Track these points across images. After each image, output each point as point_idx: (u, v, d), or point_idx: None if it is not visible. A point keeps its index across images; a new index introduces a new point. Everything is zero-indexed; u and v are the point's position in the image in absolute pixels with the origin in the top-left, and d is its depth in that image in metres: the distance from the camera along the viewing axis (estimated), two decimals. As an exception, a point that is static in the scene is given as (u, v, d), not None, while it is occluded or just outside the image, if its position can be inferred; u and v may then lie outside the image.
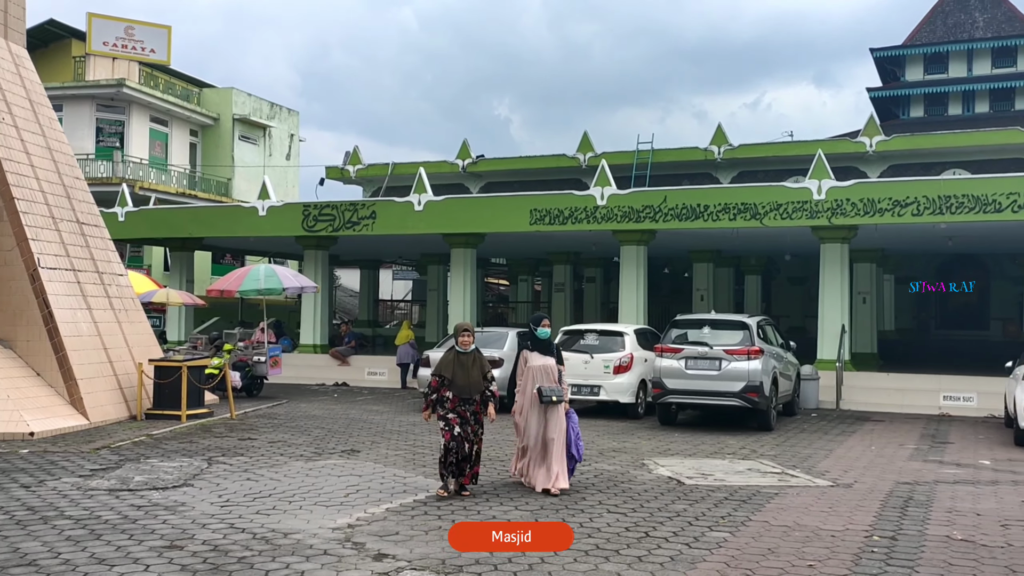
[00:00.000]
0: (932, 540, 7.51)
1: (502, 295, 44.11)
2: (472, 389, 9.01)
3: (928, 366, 20.83)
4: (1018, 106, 33.75)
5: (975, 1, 36.60)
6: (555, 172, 29.34)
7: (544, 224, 20.53)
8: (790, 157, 26.49)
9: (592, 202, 20.19)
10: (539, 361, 9.48)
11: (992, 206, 17.52)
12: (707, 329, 15.33)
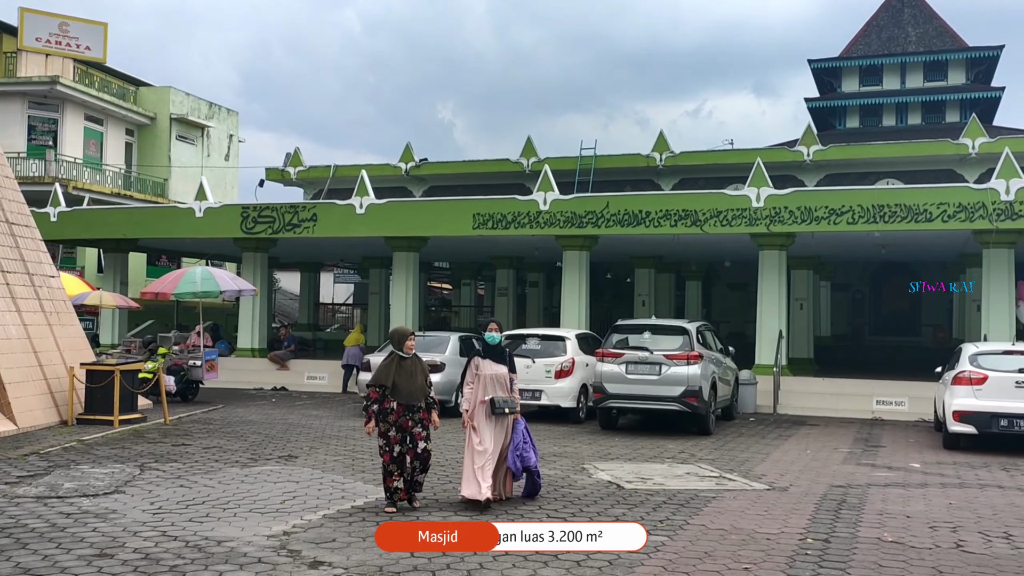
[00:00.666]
0: (863, 542, 7.65)
1: (445, 299, 43.99)
2: (417, 395, 8.58)
3: (862, 371, 21.27)
4: (949, 118, 34.73)
5: (908, 16, 37.58)
6: (499, 177, 29.40)
7: (487, 228, 20.51)
8: (730, 165, 26.90)
9: (535, 207, 20.24)
10: (491, 369, 8.92)
11: (923, 215, 17.98)
12: (647, 334, 15.44)
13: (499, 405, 8.75)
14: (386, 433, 8.46)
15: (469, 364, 9.08)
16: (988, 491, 10.22)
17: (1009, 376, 13.50)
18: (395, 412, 8.48)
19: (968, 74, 35.65)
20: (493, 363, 8.96)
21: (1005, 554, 7.38)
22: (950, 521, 8.55)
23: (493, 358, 9.01)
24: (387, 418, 8.47)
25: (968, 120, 27.63)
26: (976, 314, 20.01)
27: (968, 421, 13.43)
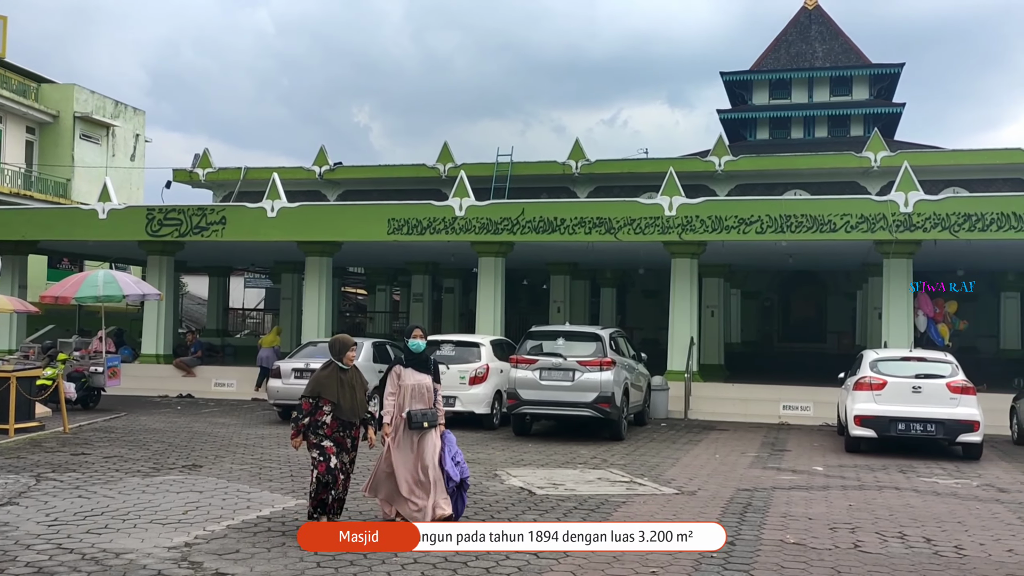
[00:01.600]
0: (767, 544, 7.80)
1: (360, 304, 43.51)
2: (357, 412, 7.95)
3: (770, 377, 21.80)
4: (853, 132, 35.88)
5: (815, 33, 38.76)
6: (415, 182, 29.23)
7: (402, 234, 20.37)
8: (644, 174, 27.27)
9: (451, 213, 20.18)
10: (413, 379, 8.25)
11: (828, 226, 18.54)
12: (561, 340, 15.53)
13: (416, 419, 8.09)
14: (319, 443, 7.83)
15: (390, 373, 8.40)
16: (885, 492, 10.56)
17: (906, 382, 14.00)
18: (328, 427, 7.86)
19: (871, 90, 36.93)
20: (416, 372, 8.30)
21: (899, 553, 7.61)
22: (849, 522, 8.80)
23: (416, 367, 8.35)
24: (319, 431, 7.85)
25: (871, 134, 28.61)
26: (878, 322, 20.69)
27: (868, 425, 13.88)
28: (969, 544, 7.99)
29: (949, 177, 25.89)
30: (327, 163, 30.41)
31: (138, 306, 26.34)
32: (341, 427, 7.90)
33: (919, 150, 29.72)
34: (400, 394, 8.24)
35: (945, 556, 7.50)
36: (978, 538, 8.24)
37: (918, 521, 8.91)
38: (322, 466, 7.78)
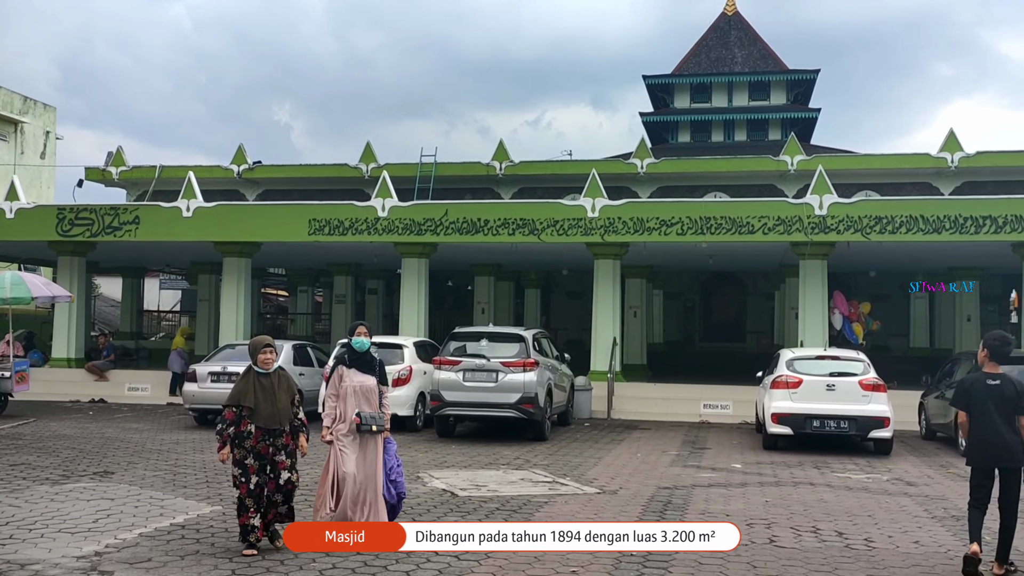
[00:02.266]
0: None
1: (281, 306, 42.82)
2: (281, 418, 7.37)
3: (692, 376, 22.14)
4: (771, 136, 36.69)
5: (735, 38, 39.55)
6: (337, 182, 28.86)
7: (324, 235, 20.10)
8: (568, 175, 27.43)
9: (373, 213, 19.98)
10: (357, 380, 7.86)
11: (746, 228, 18.91)
12: (485, 342, 15.51)
13: (366, 422, 7.70)
14: (242, 461, 7.25)
15: (333, 373, 8.02)
16: (801, 488, 10.80)
17: (821, 380, 14.35)
18: (253, 436, 7.30)
19: (788, 95, 37.83)
20: (360, 373, 7.90)
21: (812, 547, 7.78)
22: (765, 518, 8.96)
23: (360, 367, 7.93)
24: (244, 443, 7.27)
25: (788, 138, 29.29)
26: (795, 321, 21.18)
27: (785, 423, 14.18)
28: (878, 537, 8.22)
29: (862, 181, 26.68)
30: (246, 162, 29.84)
31: (48, 308, 25.46)
32: (266, 436, 7.32)
33: (833, 154, 30.58)
34: (343, 396, 7.85)
35: (855, 549, 7.69)
36: (887, 531, 8.47)
37: (831, 515, 9.13)
38: (243, 487, 7.23)
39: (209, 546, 7.42)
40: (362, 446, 7.78)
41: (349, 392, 7.82)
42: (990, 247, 19.12)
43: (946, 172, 26.37)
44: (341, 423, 7.83)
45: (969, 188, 25.64)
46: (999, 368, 7.16)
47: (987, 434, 6.98)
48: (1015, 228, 18.13)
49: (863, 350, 17.24)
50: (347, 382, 7.85)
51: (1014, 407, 6.92)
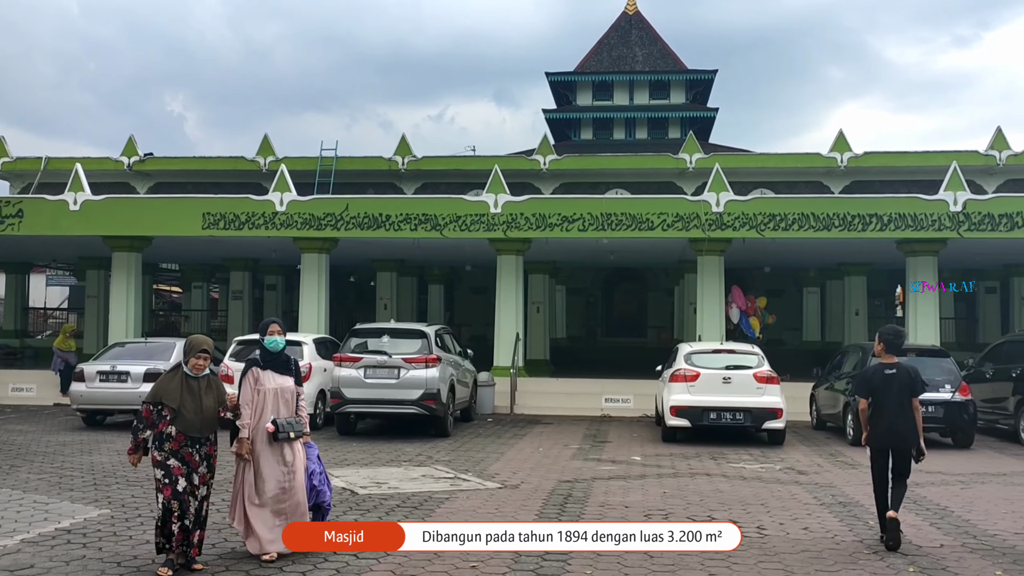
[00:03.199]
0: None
1: (174, 303, 41.54)
2: (206, 426, 6.77)
3: (594, 371, 22.36)
4: (671, 135, 37.43)
5: (635, 38, 40.17)
6: (233, 175, 28.10)
7: (219, 229, 19.55)
8: (471, 171, 27.37)
9: (271, 207, 19.54)
10: (273, 382, 7.16)
11: (646, 224, 19.19)
12: (386, 338, 15.32)
13: (283, 429, 7.04)
14: (164, 462, 6.64)
15: (245, 376, 7.22)
16: (698, 479, 11.00)
17: (717, 373, 14.66)
18: (174, 440, 6.68)
19: (687, 94, 38.63)
20: (276, 374, 7.21)
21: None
22: (663, 508, 9.09)
23: (276, 368, 7.25)
24: (163, 446, 6.67)
25: (687, 137, 29.88)
26: (694, 316, 21.61)
27: (683, 415, 14.43)
28: (770, 524, 8.42)
29: (757, 179, 27.41)
30: (137, 154, 28.77)
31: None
32: (189, 442, 6.71)
33: (730, 153, 31.35)
34: (259, 401, 7.14)
35: (748, 537, 7.84)
36: (778, 518, 8.69)
37: (726, 505, 9.31)
38: (167, 490, 6.60)
39: (96, 551, 7.11)
40: (280, 456, 7.12)
41: (267, 396, 7.14)
42: (876, 244, 19.88)
43: (836, 172, 27.30)
44: (257, 432, 7.11)
45: (857, 187, 26.62)
46: (894, 359, 7.81)
47: (885, 419, 7.65)
48: (899, 226, 18.90)
49: (759, 344, 17.69)
50: (263, 385, 7.16)
51: (909, 392, 7.65)
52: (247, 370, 7.26)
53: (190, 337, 7.17)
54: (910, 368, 7.77)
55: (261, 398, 7.13)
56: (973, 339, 27.50)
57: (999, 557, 7.29)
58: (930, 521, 8.60)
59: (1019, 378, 15.28)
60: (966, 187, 19.23)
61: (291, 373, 7.30)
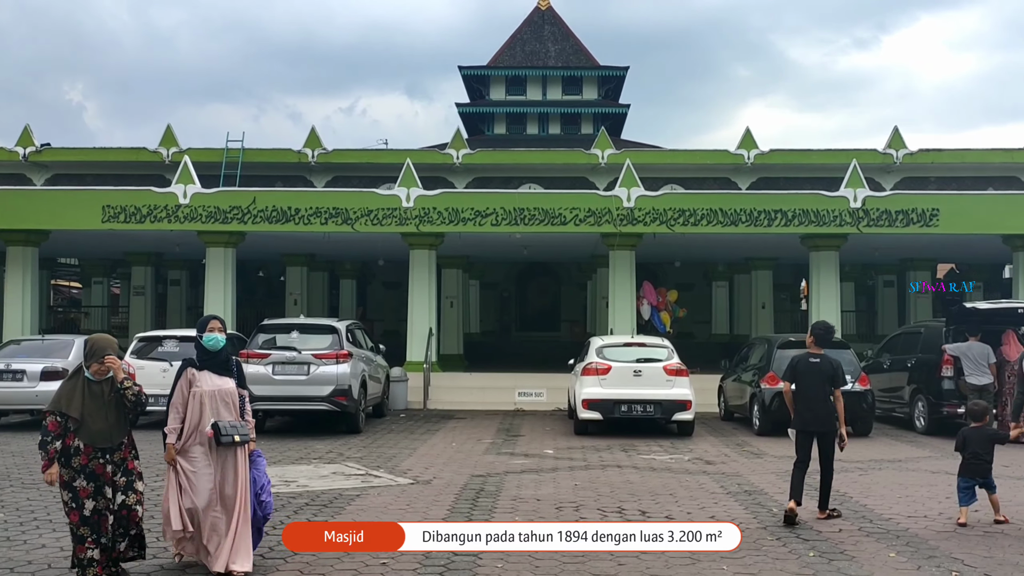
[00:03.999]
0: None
1: (73, 299, 40.04)
2: (116, 433, 6.17)
3: (507, 365, 22.39)
4: (584, 130, 37.75)
5: (548, 33, 40.36)
6: (135, 166, 27.17)
7: (119, 222, 18.91)
8: (384, 165, 27.02)
9: (174, 200, 18.98)
10: (211, 384, 6.56)
11: (558, 219, 19.30)
12: (295, 334, 15.06)
13: (226, 432, 6.45)
14: (71, 483, 6.03)
15: (180, 377, 6.60)
16: (609, 471, 11.10)
17: (628, 366, 14.83)
18: (83, 453, 6.05)
19: (600, 90, 39.01)
20: (214, 375, 6.61)
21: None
22: (574, 501, 9.14)
23: (214, 369, 6.63)
24: (71, 461, 6.04)
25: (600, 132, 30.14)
26: (606, 310, 21.83)
27: (595, 408, 14.55)
28: (678, 513, 8.55)
29: (668, 175, 27.78)
30: (33, 144, 27.53)
31: None
32: (98, 453, 6.08)
33: (642, 149, 31.76)
34: (195, 404, 6.51)
35: (658, 527, 7.94)
36: (686, 507, 8.84)
37: (636, 496, 9.42)
38: (74, 515, 6.04)
39: (-21, 560, 6.76)
40: (221, 463, 6.51)
41: (204, 399, 6.50)
42: (782, 239, 20.41)
43: (743, 168, 27.89)
44: (192, 438, 6.51)
45: (764, 183, 27.25)
46: (821, 350, 8.51)
47: (808, 404, 8.33)
48: (803, 222, 19.45)
49: (670, 338, 17.97)
50: (201, 387, 6.53)
51: (831, 381, 8.29)
52: (182, 370, 6.66)
53: (91, 338, 6.46)
54: (833, 360, 8.46)
55: (197, 401, 6.51)
56: (872, 331, 28.49)
57: (893, 540, 7.56)
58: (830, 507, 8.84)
59: (914, 368, 15.88)
60: (865, 184, 19.89)
61: (231, 374, 6.71)
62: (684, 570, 6.63)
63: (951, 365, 14.69)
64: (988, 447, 8.35)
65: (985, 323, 14.92)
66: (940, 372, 14.83)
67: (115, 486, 6.16)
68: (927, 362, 15.48)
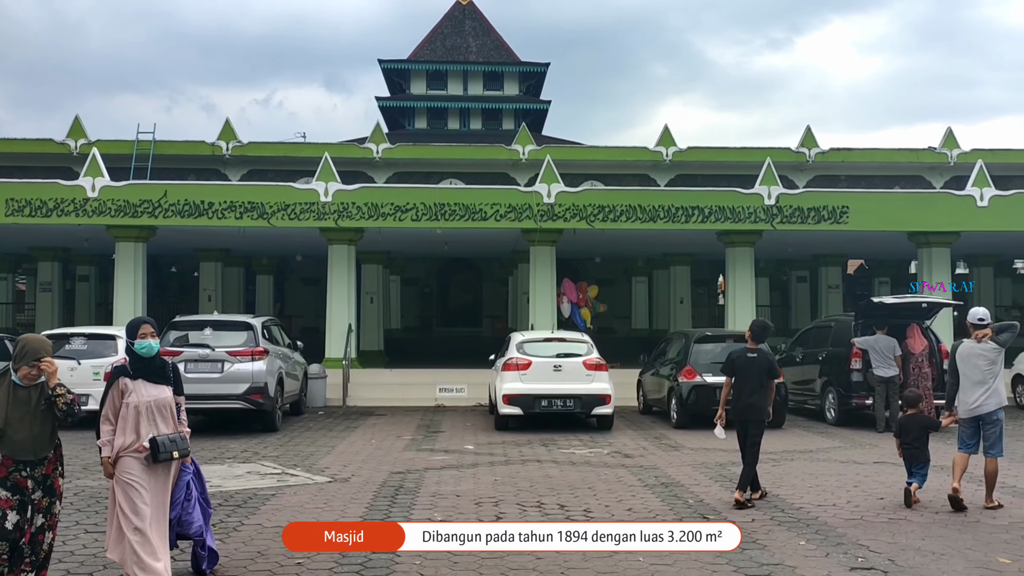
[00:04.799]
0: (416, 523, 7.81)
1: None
2: (40, 445, 5.56)
3: (429, 361, 22.29)
4: (505, 126, 37.73)
5: (469, 28, 40.25)
6: (40, 158, 26.14)
7: (24, 216, 18.22)
8: (302, 158, 26.63)
9: (82, 193, 18.36)
10: (147, 394, 5.99)
11: (479, 214, 19.27)
12: (209, 330, 14.71)
13: (165, 449, 5.93)
14: None
15: (111, 387, 6.03)
16: (528, 466, 11.12)
17: (548, 361, 14.89)
18: (2, 465, 5.47)
19: (521, 86, 39.06)
20: (150, 384, 6.05)
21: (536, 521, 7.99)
22: (494, 496, 9.12)
23: (149, 377, 6.08)
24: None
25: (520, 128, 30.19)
26: (527, 305, 21.90)
27: (515, 403, 14.57)
28: (596, 507, 8.61)
29: (588, 171, 28.03)
30: (-68, 134, 26.37)
31: None
32: (19, 466, 5.50)
33: (562, 145, 31.91)
34: (129, 416, 5.95)
35: (575, 520, 7.99)
36: (604, 500, 8.90)
37: (555, 490, 9.45)
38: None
39: None
40: (158, 480, 6.04)
41: (140, 411, 5.95)
42: (699, 235, 20.76)
43: (662, 165, 28.30)
44: (130, 452, 5.94)
45: (682, 180, 27.70)
46: (758, 345, 9.15)
47: (744, 395, 8.93)
48: (719, 218, 19.81)
49: (590, 333, 18.11)
50: (136, 398, 5.97)
51: (767, 373, 8.95)
52: (114, 380, 6.07)
53: (24, 338, 5.82)
54: (768, 354, 9.17)
55: (132, 413, 5.94)
56: (786, 325, 29.23)
57: (803, 528, 7.74)
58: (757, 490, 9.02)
59: (825, 361, 16.33)
60: (779, 182, 20.36)
61: (168, 381, 6.16)
62: (600, 562, 6.66)
63: (859, 358, 15.16)
64: (921, 434, 8.77)
65: (891, 317, 15.41)
66: (849, 365, 15.29)
67: (35, 505, 5.57)
68: (837, 355, 15.94)
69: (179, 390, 6.29)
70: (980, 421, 8.48)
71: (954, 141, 28.20)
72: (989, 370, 8.43)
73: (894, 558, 6.78)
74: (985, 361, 8.44)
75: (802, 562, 6.69)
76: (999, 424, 8.45)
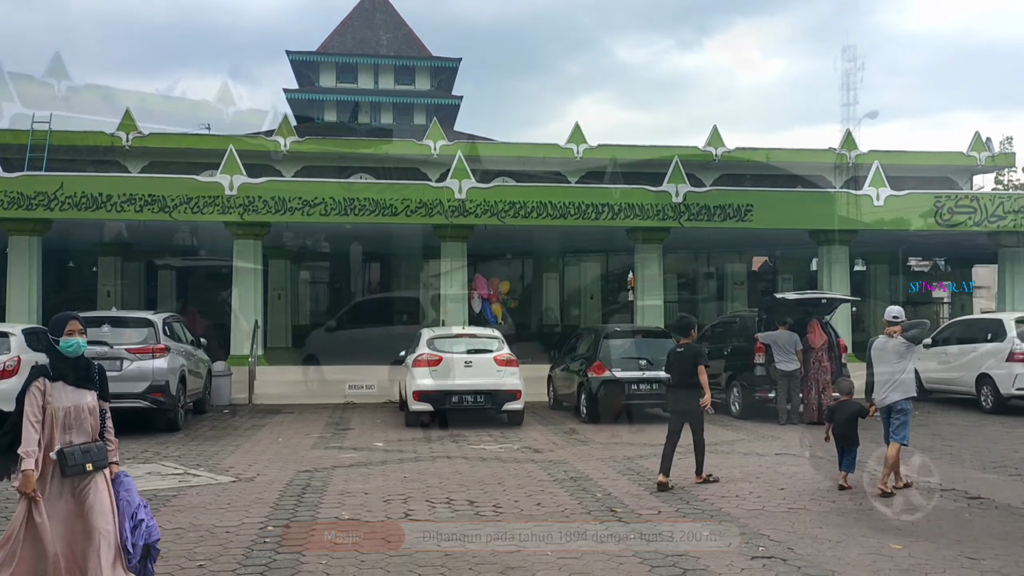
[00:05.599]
0: (322, 523, 7.73)
1: None
2: None
3: (338, 358, 21.95)
4: (417, 120, 37.53)
5: (380, 21, 39.89)
6: (-74, 148, 24.88)
7: (-93, 207, 17.23)
8: (206, 150, 25.83)
9: (-29, 184, 17.49)
10: (67, 398, 5.33)
11: (390, 210, 19.10)
12: (107, 327, 14.20)
13: (74, 462, 5.22)
14: None
15: (29, 389, 5.34)
16: (439, 462, 11.08)
17: (459, 357, 14.87)
18: None
19: (433, 81, 38.92)
20: (71, 387, 5.38)
21: (445, 517, 7.99)
22: (403, 493, 9.05)
23: (72, 380, 5.41)
24: None
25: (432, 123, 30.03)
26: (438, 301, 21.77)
27: (426, 399, 14.50)
28: (506, 502, 8.62)
29: (500, 167, 28.01)
30: None
31: None
32: None
33: (474, 141, 31.86)
34: (48, 422, 5.29)
35: (484, 515, 8.00)
36: (514, 496, 8.93)
37: (464, 486, 9.44)
38: None
39: None
40: (74, 495, 5.29)
41: (58, 416, 5.28)
42: (609, 231, 20.99)
43: (573, 162, 28.48)
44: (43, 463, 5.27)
45: (592, 178, 27.94)
46: (685, 339, 9.83)
47: (675, 387, 9.74)
48: (628, 215, 20.06)
49: (501, 329, 18.14)
50: (57, 402, 5.30)
51: (692, 364, 9.49)
52: (31, 380, 5.38)
53: None
54: (695, 346, 9.84)
55: (49, 418, 5.28)
56: (693, 320, 29.79)
57: (707, 519, 7.91)
58: (650, 490, 9.18)
59: (730, 356, 16.72)
60: (686, 180, 20.73)
61: (92, 385, 5.47)
62: (508, 557, 6.67)
63: (763, 352, 15.57)
64: (851, 421, 9.23)
65: (793, 312, 15.88)
66: (753, 359, 15.68)
67: None
68: (741, 350, 16.33)
69: (104, 395, 5.59)
70: (889, 411, 8.94)
71: (853, 143, 29.17)
72: (898, 364, 8.96)
73: (793, 546, 6.98)
74: (895, 356, 9.02)
75: (706, 553, 6.83)
76: (905, 414, 8.98)
